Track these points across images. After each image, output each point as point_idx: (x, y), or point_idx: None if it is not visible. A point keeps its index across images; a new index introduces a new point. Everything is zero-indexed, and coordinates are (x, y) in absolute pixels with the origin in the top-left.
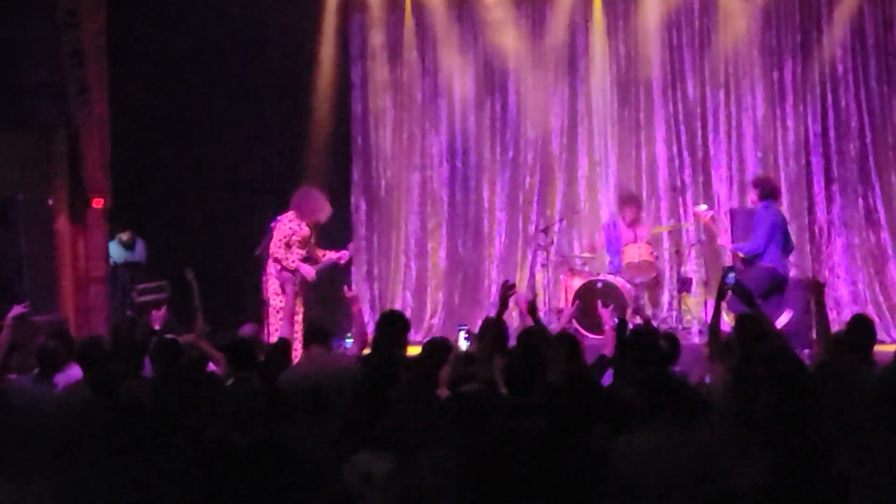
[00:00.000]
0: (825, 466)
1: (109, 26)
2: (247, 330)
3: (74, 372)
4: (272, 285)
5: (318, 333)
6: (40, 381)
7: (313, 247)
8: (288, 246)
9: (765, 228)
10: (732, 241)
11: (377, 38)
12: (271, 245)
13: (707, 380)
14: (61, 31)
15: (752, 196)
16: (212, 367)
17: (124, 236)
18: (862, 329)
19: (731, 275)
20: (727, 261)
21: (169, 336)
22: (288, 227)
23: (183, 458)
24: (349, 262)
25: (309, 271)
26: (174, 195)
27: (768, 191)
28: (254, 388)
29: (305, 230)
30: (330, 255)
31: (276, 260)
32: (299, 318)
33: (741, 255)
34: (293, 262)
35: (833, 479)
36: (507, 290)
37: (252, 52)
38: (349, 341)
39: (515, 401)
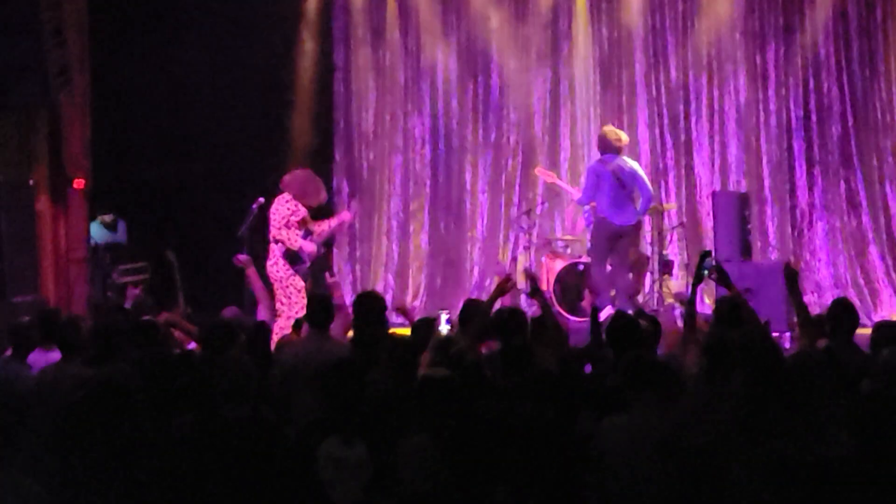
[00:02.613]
0: (799, 445)
1: (90, 6)
2: (229, 313)
3: (50, 353)
4: (282, 266)
5: (320, 314)
6: (13, 361)
7: (311, 224)
8: (287, 227)
9: (585, 182)
10: (715, 225)
11: (360, 20)
12: (270, 228)
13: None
14: (42, 11)
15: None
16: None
17: (107, 218)
18: (843, 313)
19: (709, 260)
20: (709, 245)
21: (146, 318)
22: (286, 207)
23: (170, 438)
24: (331, 244)
25: (311, 248)
26: (155, 176)
27: (604, 146)
28: (244, 366)
29: (303, 210)
30: (331, 222)
31: (279, 241)
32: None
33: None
34: (295, 241)
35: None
36: (506, 283)
37: (234, 33)
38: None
39: (508, 384)
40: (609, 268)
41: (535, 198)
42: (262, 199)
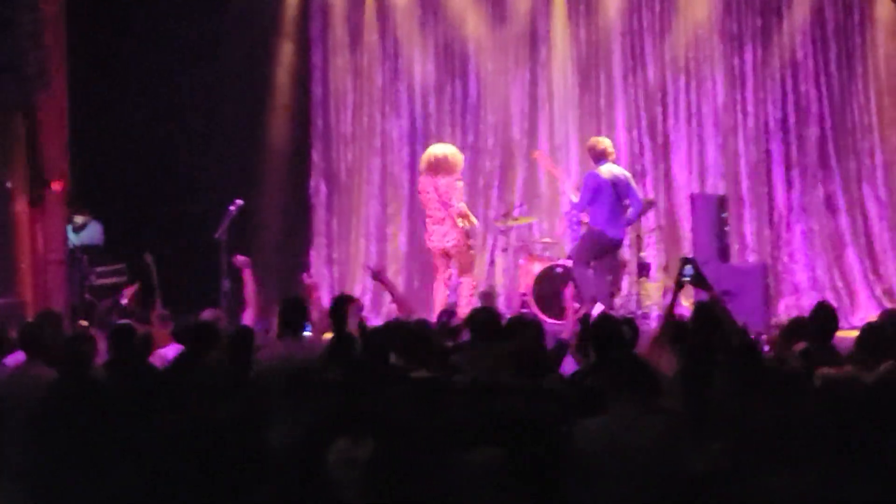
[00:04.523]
0: (780, 452)
1: (68, 7)
2: (207, 315)
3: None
4: (463, 238)
5: (293, 319)
6: None
7: None
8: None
9: (585, 191)
10: (693, 227)
11: (338, 22)
12: (450, 203)
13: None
14: (20, 13)
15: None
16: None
17: (78, 219)
18: (824, 316)
19: (689, 267)
20: (687, 248)
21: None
22: (461, 189)
23: (146, 440)
24: (309, 246)
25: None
26: (133, 178)
27: (596, 154)
28: (224, 368)
29: None
30: None
31: (462, 216)
32: None
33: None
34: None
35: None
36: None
37: (212, 33)
38: (307, 332)
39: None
40: (590, 272)
41: (514, 200)
42: (239, 201)
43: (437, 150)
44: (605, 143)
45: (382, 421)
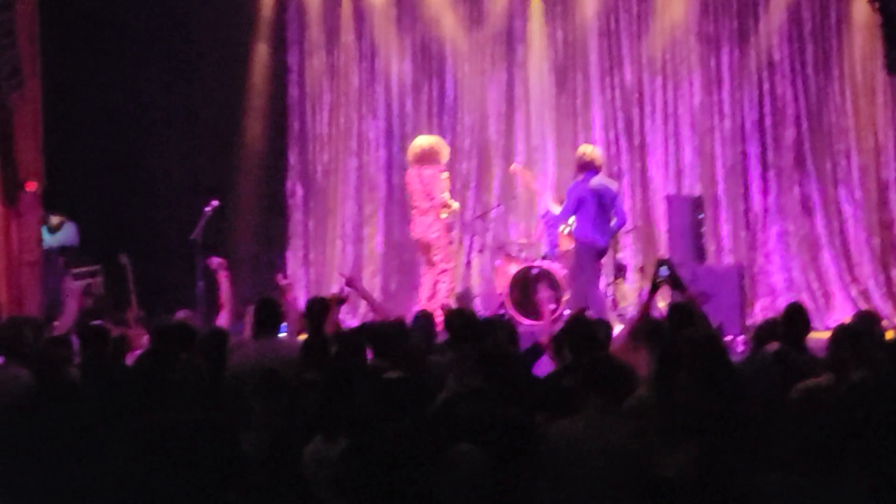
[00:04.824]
0: (750, 456)
1: (42, 7)
2: (181, 315)
3: None
4: (445, 232)
5: (268, 320)
6: None
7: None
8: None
9: (568, 201)
10: (669, 228)
11: (314, 23)
12: (432, 195)
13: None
14: None
15: (575, 172)
16: None
17: (54, 220)
18: (797, 317)
19: (665, 268)
20: (663, 249)
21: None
22: (445, 181)
23: (120, 441)
24: (285, 247)
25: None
26: (108, 178)
27: (583, 164)
28: (198, 369)
29: None
30: None
31: (446, 207)
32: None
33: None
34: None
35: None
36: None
37: (187, 34)
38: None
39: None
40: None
41: (490, 201)
42: (215, 202)
43: (423, 140)
44: (592, 153)
45: (357, 421)
